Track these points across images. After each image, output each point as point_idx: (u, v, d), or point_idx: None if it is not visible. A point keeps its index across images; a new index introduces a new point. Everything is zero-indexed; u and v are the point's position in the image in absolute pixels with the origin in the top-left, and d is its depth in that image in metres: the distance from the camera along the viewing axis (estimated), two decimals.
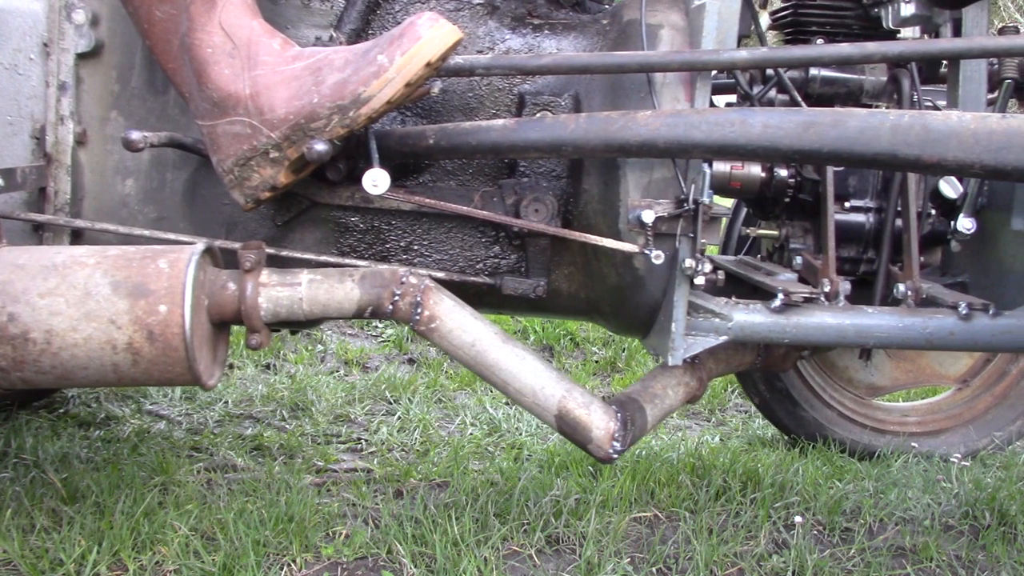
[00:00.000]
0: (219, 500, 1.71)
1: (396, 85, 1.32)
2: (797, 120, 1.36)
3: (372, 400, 2.52)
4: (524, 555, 1.59)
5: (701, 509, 1.79)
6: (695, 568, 1.57)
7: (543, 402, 1.46)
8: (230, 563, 1.46)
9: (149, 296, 1.31)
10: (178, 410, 2.30)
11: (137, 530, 1.53)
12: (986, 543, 1.75)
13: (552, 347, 3.27)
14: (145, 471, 1.81)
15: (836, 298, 1.60)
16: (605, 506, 1.75)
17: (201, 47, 1.39)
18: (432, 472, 1.96)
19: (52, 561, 1.45)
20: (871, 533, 1.77)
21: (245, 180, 1.43)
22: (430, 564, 1.52)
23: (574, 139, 1.42)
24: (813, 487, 1.92)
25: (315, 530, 1.60)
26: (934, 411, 2.32)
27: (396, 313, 1.43)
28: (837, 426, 2.24)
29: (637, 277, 1.55)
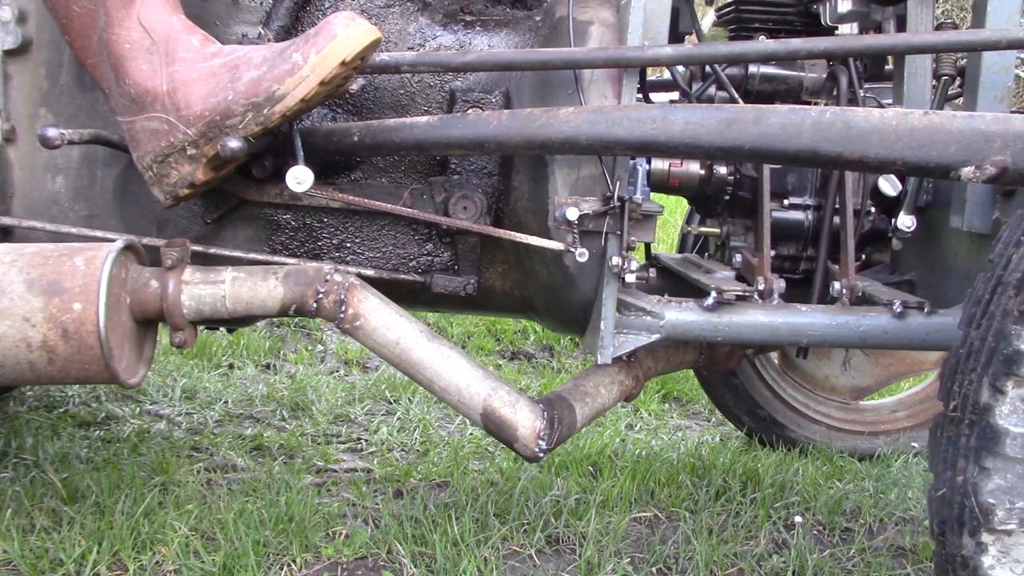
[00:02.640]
0: (219, 500, 1.71)
1: (310, 83, 1.32)
2: (718, 117, 1.35)
3: (372, 400, 2.52)
4: (524, 555, 1.59)
5: (701, 509, 1.79)
6: (695, 568, 1.57)
7: (468, 400, 1.45)
8: (230, 563, 1.46)
9: (63, 294, 1.31)
10: (178, 410, 2.30)
11: (137, 530, 1.53)
12: None
13: (552, 347, 3.27)
14: (145, 471, 1.81)
15: (770, 296, 1.60)
16: (605, 506, 1.75)
17: (119, 43, 1.38)
18: (432, 472, 1.96)
19: (52, 561, 1.45)
20: (871, 533, 1.77)
21: (164, 177, 1.42)
22: (430, 564, 1.51)
23: (497, 136, 1.41)
24: (813, 487, 1.92)
25: (315, 530, 1.60)
26: (922, 400, 2.30)
27: (320, 311, 1.43)
28: (828, 439, 2.24)
29: (568, 275, 1.54)
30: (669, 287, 1.73)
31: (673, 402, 2.77)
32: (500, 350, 3.24)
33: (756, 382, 2.22)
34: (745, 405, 2.22)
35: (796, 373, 2.24)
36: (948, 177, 1.33)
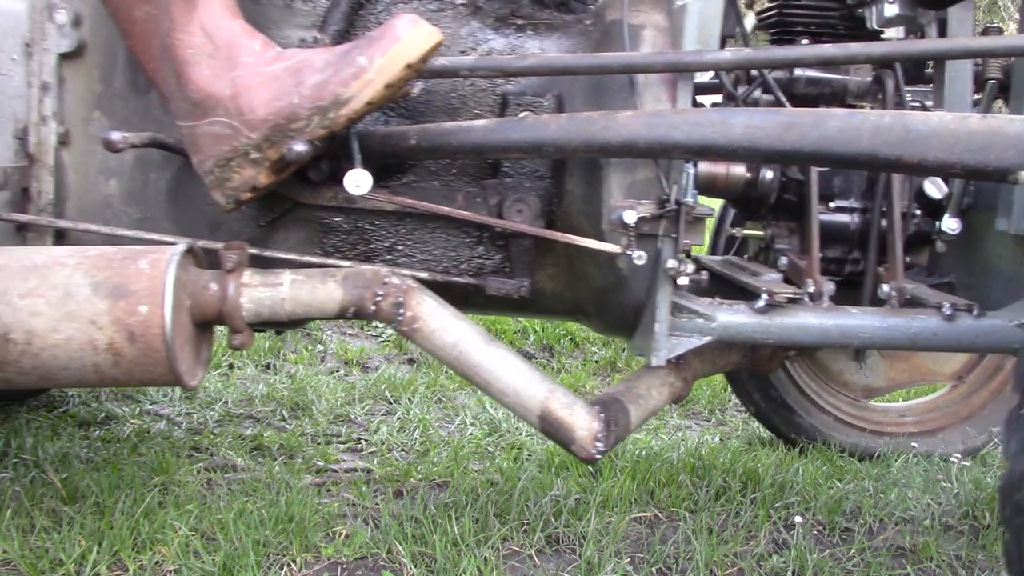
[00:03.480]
0: (219, 500, 1.71)
1: (376, 86, 1.32)
2: (778, 120, 1.36)
3: (372, 400, 2.52)
4: (524, 555, 1.59)
5: (701, 509, 1.79)
6: (695, 568, 1.57)
7: (526, 402, 1.45)
8: (230, 563, 1.46)
9: (129, 297, 1.31)
10: (178, 410, 2.30)
11: (137, 530, 1.53)
12: (986, 543, 1.75)
13: (552, 347, 3.27)
14: (145, 471, 1.81)
15: (820, 299, 1.60)
16: (605, 506, 1.75)
17: (181, 48, 1.38)
18: (432, 472, 1.96)
19: (52, 561, 1.45)
20: (871, 533, 1.77)
21: (226, 181, 1.42)
22: (430, 564, 1.52)
23: (555, 139, 1.42)
24: (813, 487, 1.92)
25: (315, 530, 1.60)
26: (931, 409, 2.31)
27: (378, 314, 1.43)
28: (835, 431, 2.24)
29: (620, 278, 1.54)
30: (709, 289, 1.72)
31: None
32: None
33: None
34: (759, 384, 2.23)
35: (812, 362, 2.25)
36: (1005, 180, 1.34)
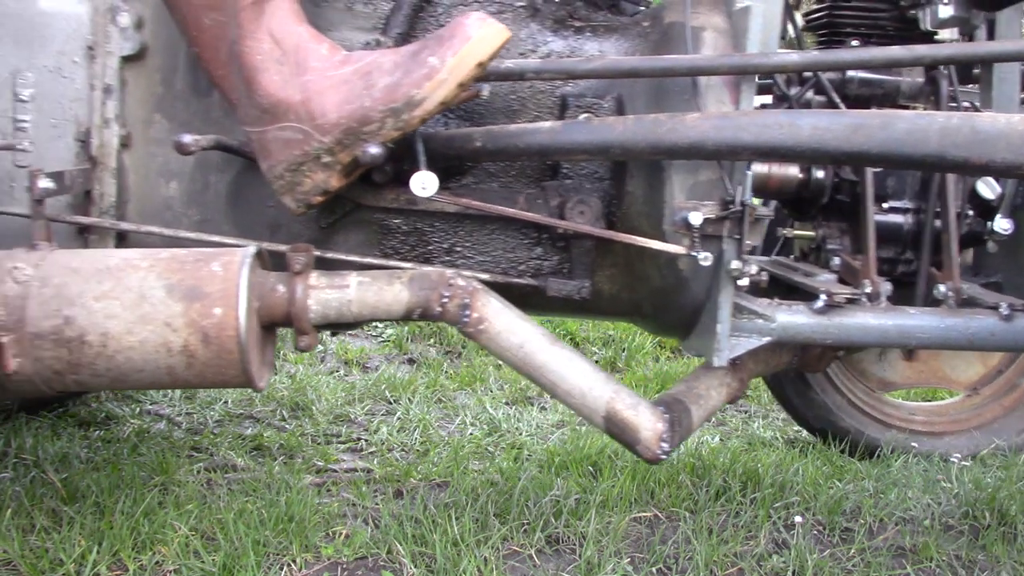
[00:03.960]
0: (219, 500, 1.71)
1: (449, 86, 1.33)
2: (846, 122, 1.36)
3: (372, 400, 2.52)
4: (524, 555, 1.59)
5: (701, 509, 1.79)
6: (695, 568, 1.57)
7: (591, 403, 1.46)
8: (230, 563, 1.46)
9: (204, 299, 1.31)
10: (178, 410, 2.30)
11: (137, 530, 1.53)
12: (986, 543, 1.75)
13: None
14: (145, 471, 1.81)
15: (878, 299, 1.61)
16: (605, 506, 1.75)
17: (250, 54, 1.39)
18: (432, 472, 1.96)
19: (52, 561, 1.45)
20: (871, 533, 1.77)
21: (297, 185, 1.43)
22: (430, 564, 1.52)
23: (622, 141, 1.42)
24: (813, 487, 1.92)
25: (315, 530, 1.60)
26: (941, 413, 2.33)
27: (444, 315, 1.43)
28: (845, 413, 2.24)
29: (681, 278, 1.55)
30: (758, 290, 1.73)
31: None
32: None
33: None
34: None
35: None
36: None
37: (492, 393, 2.70)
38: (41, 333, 1.30)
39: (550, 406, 2.64)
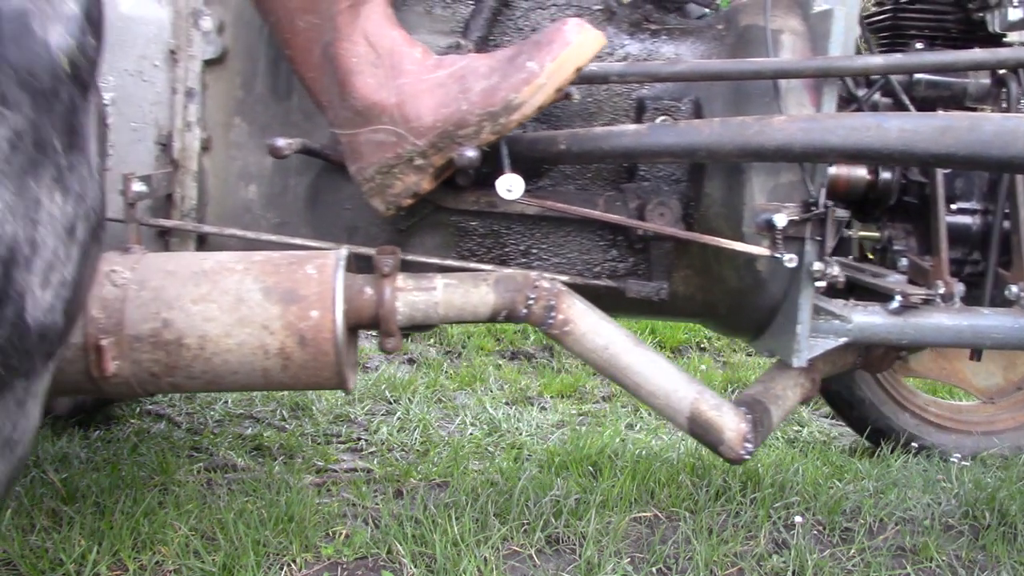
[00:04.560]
0: (219, 500, 1.71)
1: (547, 90, 1.34)
2: (934, 124, 1.37)
3: (372, 400, 2.52)
4: (524, 555, 1.59)
5: (701, 509, 1.78)
6: (695, 568, 1.57)
7: (675, 404, 1.47)
8: (230, 563, 1.46)
9: (301, 302, 1.32)
10: (178, 410, 2.30)
11: (137, 530, 1.53)
12: (986, 543, 1.75)
13: (552, 347, 3.27)
14: (145, 471, 1.81)
15: (952, 299, 1.61)
16: (605, 506, 1.75)
17: (346, 57, 1.40)
18: (432, 472, 1.96)
19: (52, 561, 1.45)
20: (871, 533, 1.77)
21: (387, 188, 1.44)
22: (430, 564, 1.51)
23: (708, 144, 1.43)
24: (813, 487, 1.92)
25: (315, 530, 1.60)
26: (955, 412, 2.35)
27: (530, 317, 1.44)
28: (865, 382, 2.26)
29: (759, 280, 1.57)
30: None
31: None
32: (500, 350, 3.24)
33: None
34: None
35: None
36: None
37: (492, 393, 2.70)
38: (140, 336, 1.31)
39: (550, 406, 2.64)
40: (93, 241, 1.04)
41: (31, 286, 0.92)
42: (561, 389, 2.79)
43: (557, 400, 2.72)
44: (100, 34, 1.04)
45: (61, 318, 0.98)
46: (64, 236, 0.97)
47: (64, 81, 0.95)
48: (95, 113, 1.06)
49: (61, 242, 0.96)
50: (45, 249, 0.93)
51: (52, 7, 0.94)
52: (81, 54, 0.98)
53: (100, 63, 1.03)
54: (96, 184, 1.05)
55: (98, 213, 1.05)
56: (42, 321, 0.94)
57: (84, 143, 1.00)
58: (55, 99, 0.93)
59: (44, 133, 0.92)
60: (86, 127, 1.01)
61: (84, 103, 1.00)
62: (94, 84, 1.04)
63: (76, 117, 0.98)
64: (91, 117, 1.04)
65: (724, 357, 3.45)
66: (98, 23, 1.04)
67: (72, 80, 0.96)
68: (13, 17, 0.88)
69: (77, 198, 0.98)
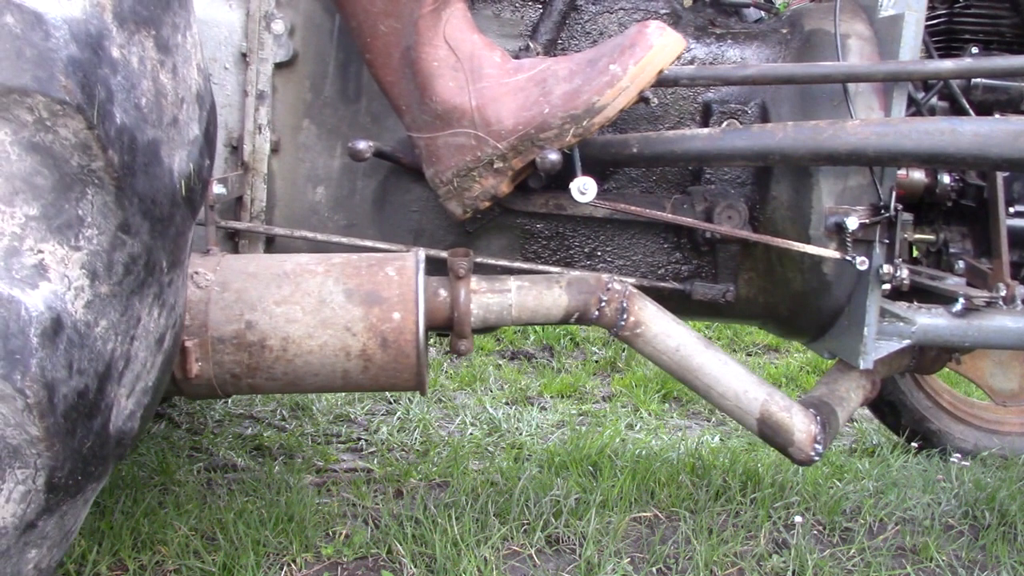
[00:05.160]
0: (219, 500, 1.71)
1: (630, 94, 1.35)
2: (1007, 129, 1.38)
3: (372, 400, 2.52)
4: (524, 555, 1.59)
5: (701, 509, 1.79)
6: (695, 568, 1.57)
7: (746, 406, 1.48)
8: (230, 563, 1.46)
9: (383, 303, 1.33)
10: (178, 410, 2.30)
11: (137, 530, 1.53)
12: (986, 543, 1.75)
13: (552, 347, 3.27)
14: (145, 471, 1.81)
15: (1013, 302, 1.62)
16: (605, 506, 1.75)
17: (427, 61, 1.40)
18: (432, 472, 1.96)
19: None
20: (871, 533, 1.77)
21: (465, 191, 1.45)
22: (430, 564, 1.52)
23: (782, 148, 1.45)
24: (813, 487, 1.92)
25: (315, 530, 1.60)
26: (968, 404, 2.36)
27: (601, 319, 1.45)
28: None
29: (824, 282, 1.58)
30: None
31: (673, 402, 2.78)
32: (500, 350, 3.24)
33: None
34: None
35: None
36: None
37: (492, 393, 2.70)
38: (223, 337, 1.31)
39: (550, 406, 2.64)
40: (175, 346, 1.05)
41: (119, 398, 0.93)
42: (561, 389, 2.79)
43: (557, 400, 2.72)
44: (213, 152, 1.05)
45: (139, 423, 0.99)
46: (154, 347, 0.98)
47: (180, 205, 0.95)
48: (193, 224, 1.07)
49: (151, 353, 0.97)
50: (136, 362, 0.95)
51: (179, 133, 0.95)
52: (197, 177, 0.99)
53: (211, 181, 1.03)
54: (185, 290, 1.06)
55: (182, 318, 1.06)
56: (122, 428, 0.95)
57: (184, 257, 1.01)
58: (170, 224, 0.94)
59: (156, 256, 0.93)
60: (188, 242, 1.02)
61: (192, 222, 1.01)
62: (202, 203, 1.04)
63: (184, 237, 0.99)
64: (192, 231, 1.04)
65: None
66: (213, 141, 1.05)
67: (186, 203, 0.97)
68: (146, 148, 0.89)
69: (170, 310, 1.00)
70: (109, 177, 0.85)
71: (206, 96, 1.02)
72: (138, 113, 0.87)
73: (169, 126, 0.93)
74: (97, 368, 0.87)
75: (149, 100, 0.89)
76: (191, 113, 0.97)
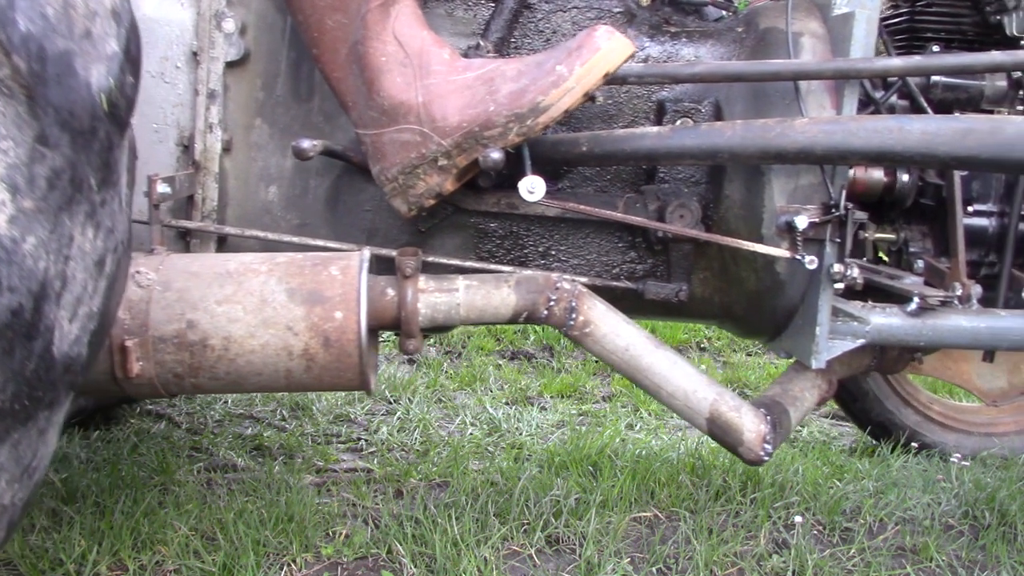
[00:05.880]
0: (219, 500, 1.71)
1: (575, 95, 1.35)
2: (956, 127, 1.37)
3: (372, 400, 2.52)
4: (524, 555, 1.59)
5: (701, 509, 1.79)
6: (695, 568, 1.57)
7: (695, 405, 1.48)
8: (230, 563, 1.46)
9: (325, 303, 1.32)
10: (178, 410, 2.30)
11: (137, 530, 1.53)
12: (986, 543, 1.75)
13: (552, 347, 3.27)
14: (145, 471, 1.81)
15: (969, 301, 1.61)
16: (605, 506, 1.75)
17: (375, 56, 1.40)
18: (432, 472, 1.96)
19: (52, 561, 1.45)
20: (871, 533, 1.77)
21: (410, 188, 1.44)
22: (430, 564, 1.52)
23: (731, 146, 1.44)
24: (813, 487, 1.92)
25: (315, 530, 1.60)
26: (958, 411, 2.35)
27: (550, 318, 1.44)
28: (872, 378, 2.26)
29: (777, 281, 1.57)
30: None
31: None
32: (500, 350, 3.24)
33: None
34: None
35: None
36: None
37: (492, 393, 2.70)
38: (164, 337, 1.31)
39: (550, 406, 2.64)
40: (120, 272, 1.04)
41: (60, 320, 0.92)
42: (561, 389, 2.79)
43: (557, 400, 2.72)
44: (138, 71, 1.04)
45: (86, 349, 0.98)
46: (93, 270, 0.97)
47: (102, 120, 0.95)
48: (128, 147, 1.06)
49: (90, 276, 0.96)
50: (75, 284, 0.94)
51: (94, 47, 0.94)
52: (120, 93, 0.98)
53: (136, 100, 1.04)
54: (125, 217, 1.05)
55: (125, 245, 1.05)
56: (67, 353, 0.94)
57: (117, 179, 1.01)
58: (93, 138, 0.94)
59: (81, 171, 0.92)
60: (120, 163, 1.02)
61: (120, 140, 1.00)
62: (129, 121, 1.04)
63: (112, 154, 0.98)
64: (124, 152, 1.04)
65: (724, 357, 3.45)
66: (136, 60, 1.04)
67: (110, 119, 0.96)
68: (57, 58, 0.88)
69: (107, 232, 0.99)
70: (18, 85, 0.84)
71: (123, 14, 1.01)
72: (44, 22, 0.87)
73: (82, 39, 0.92)
74: (30, 286, 0.87)
75: (56, 11, 0.89)
76: (106, 28, 0.96)
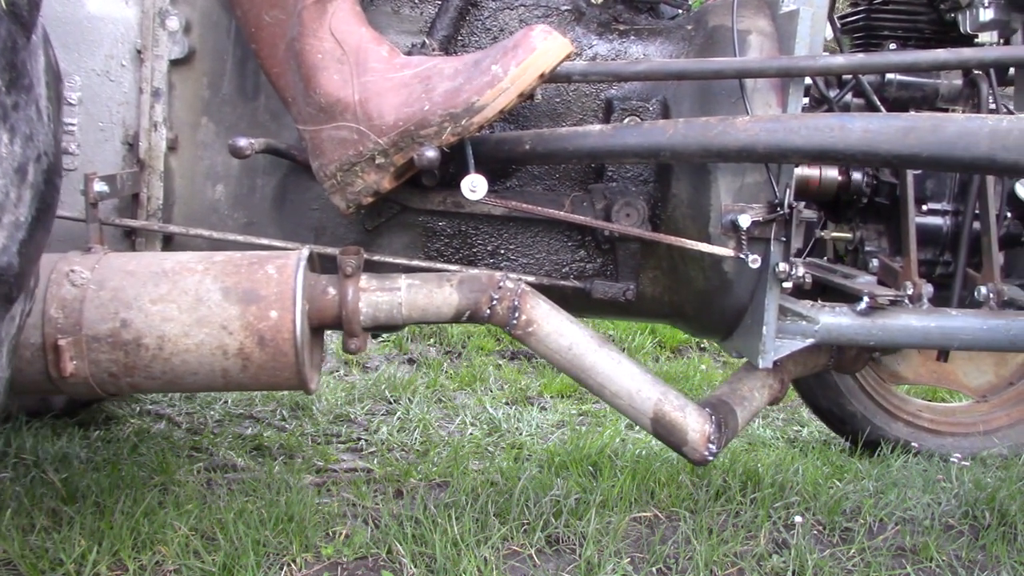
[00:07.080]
0: (219, 500, 1.71)
1: (510, 95, 1.34)
2: (897, 125, 1.37)
3: (372, 400, 2.52)
4: (524, 555, 1.59)
5: (701, 509, 1.78)
6: (695, 568, 1.57)
7: (639, 405, 1.47)
8: (230, 563, 1.46)
9: (260, 302, 1.32)
10: (178, 410, 2.30)
11: (137, 530, 1.53)
12: (986, 543, 1.75)
13: None
14: (145, 471, 1.81)
15: (920, 300, 1.61)
16: (605, 506, 1.75)
17: (311, 52, 1.40)
18: (432, 472, 1.96)
19: (52, 561, 1.45)
20: (871, 533, 1.77)
21: (348, 185, 1.44)
22: (430, 564, 1.51)
23: (672, 144, 1.43)
24: (813, 487, 1.92)
25: (315, 530, 1.60)
26: (948, 415, 2.35)
27: (493, 317, 1.44)
28: (854, 397, 2.26)
29: (725, 280, 1.57)
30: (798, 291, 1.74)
31: None
32: (500, 350, 3.24)
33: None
34: None
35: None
36: None
37: (492, 393, 2.70)
38: (98, 336, 1.30)
39: (550, 406, 2.64)
40: (48, 186, 1.03)
41: None
42: (561, 389, 2.79)
43: (557, 400, 2.72)
44: None
45: (16, 259, 0.97)
46: (14, 176, 0.96)
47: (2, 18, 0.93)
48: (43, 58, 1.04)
49: (11, 183, 0.95)
50: None
51: None
52: None
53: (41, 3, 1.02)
54: (48, 129, 1.03)
55: (51, 158, 1.03)
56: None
57: (29, 84, 0.99)
58: None
59: None
60: (30, 68, 0.99)
61: (26, 42, 0.98)
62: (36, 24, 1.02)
63: (17, 55, 0.96)
64: (37, 60, 1.02)
65: (724, 357, 3.45)
66: None
67: (10, 17, 0.95)
68: None
69: (25, 139, 0.97)
70: None
71: None
72: None
73: None
74: None
75: None
76: None
